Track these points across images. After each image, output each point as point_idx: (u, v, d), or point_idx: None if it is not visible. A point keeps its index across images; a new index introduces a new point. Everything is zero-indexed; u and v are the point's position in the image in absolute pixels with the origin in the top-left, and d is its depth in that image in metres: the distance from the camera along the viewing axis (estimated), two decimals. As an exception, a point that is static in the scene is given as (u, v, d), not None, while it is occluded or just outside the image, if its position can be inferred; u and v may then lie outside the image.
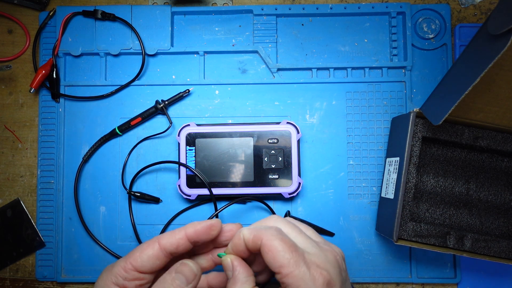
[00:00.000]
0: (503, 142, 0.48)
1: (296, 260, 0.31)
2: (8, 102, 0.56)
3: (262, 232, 0.32)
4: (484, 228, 0.49)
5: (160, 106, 0.53)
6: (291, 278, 0.31)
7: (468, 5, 0.56)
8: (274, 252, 0.31)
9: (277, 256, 0.31)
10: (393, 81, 0.54)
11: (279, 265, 0.31)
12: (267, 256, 0.32)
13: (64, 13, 0.54)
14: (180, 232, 0.35)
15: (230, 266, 0.34)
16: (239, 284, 0.33)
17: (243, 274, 0.34)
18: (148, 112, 0.53)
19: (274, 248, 0.31)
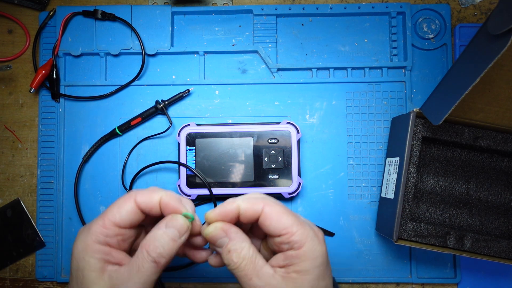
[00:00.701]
0: (503, 142, 0.48)
1: (298, 221, 0.34)
2: (8, 102, 0.56)
3: (261, 200, 0.34)
4: (484, 228, 0.49)
5: (160, 106, 0.53)
6: (298, 235, 0.33)
7: (468, 5, 0.56)
8: (278, 215, 0.33)
9: (282, 218, 0.33)
10: (393, 81, 0.54)
11: (284, 227, 0.33)
12: (270, 221, 0.33)
13: (64, 13, 0.54)
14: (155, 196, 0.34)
15: (222, 232, 0.34)
16: (239, 243, 0.34)
17: (239, 233, 0.34)
18: (148, 112, 0.53)
19: (277, 212, 0.34)
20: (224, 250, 0.34)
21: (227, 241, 0.34)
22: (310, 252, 0.33)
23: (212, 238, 0.34)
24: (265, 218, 0.34)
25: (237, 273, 0.34)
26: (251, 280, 0.33)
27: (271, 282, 0.33)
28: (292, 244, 0.33)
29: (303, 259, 0.33)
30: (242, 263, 0.33)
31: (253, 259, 0.34)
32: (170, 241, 0.33)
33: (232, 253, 0.33)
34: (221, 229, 0.34)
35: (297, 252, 0.33)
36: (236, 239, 0.34)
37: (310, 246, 0.33)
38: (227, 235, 0.34)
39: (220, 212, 0.34)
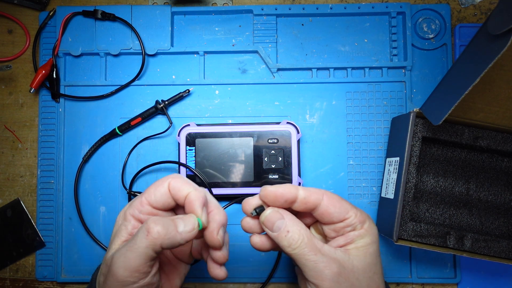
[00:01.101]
0: (503, 142, 0.48)
1: (351, 204, 0.37)
2: (8, 102, 0.56)
3: (318, 190, 0.36)
4: (484, 228, 0.49)
5: (160, 106, 0.53)
6: (359, 217, 0.36)
7: (468, 5, 0.56)
8: (340, 201, 0.36)
9: (343, 204, 0.36)
10: (393, 81, 0.54)
11: (346, 211, 0.35)
12: (334, 207, 0.35)
13: (64, 13, 0.54)
14: (185, 189, 0.35)
15: (279, 215, 0.35)
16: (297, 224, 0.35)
17: (293, 216, 0.36)
18: (148, 112, 0.53)
19: (338, 199, 0.36)
20: (282, 232, 0.35)
21: (285, 223, 0.35)
22: (369, 229, 0.36)
23: (270, 221, 0.35)
24: (328, 206, 0.35)
25: (299, 251, 0.34)
26: (316, 255, 0.34)
27: (335, 256, 0.34)
28: (355, 225, 0.35)
29: (363, 236, 0.35)
30: (303, 241, 0.34)
31: (312, 238, 0.35)
32: (171, 226, 0.33)
33: (291, 233, 0.34)
34: (277, 211, 0.36)
35: (359, 231, 0.35)
36: (293, 220, 0.35)
37: (369, 224, 0.36)
38: (283, 217, 0.35)
39: (278, 191, 0.35)
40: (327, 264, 0.34)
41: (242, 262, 0.53)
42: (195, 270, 0.53)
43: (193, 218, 0.34)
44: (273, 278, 0.53)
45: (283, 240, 0.35)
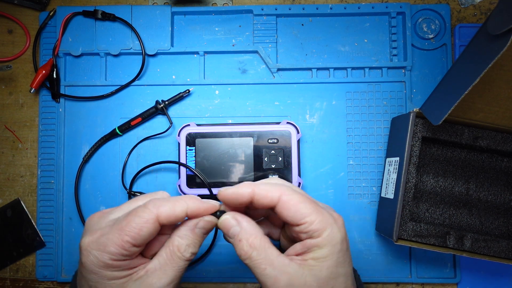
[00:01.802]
0: (503, 142, 0.48)
1: (317, 208, 0.33)
2: (8, 102, 0.56)
3: (278, 188, 0.33)
4: (484, 228, 0.49)
5: (160, 106, 0.53)
6: (317, 224, 0.32)
7: (468, 5, 0.56)
8: (296, 205, 0.33)
9: (300, 208, 0.33)
10: (393, 81, 0.54)
11: (302, 217, 0.32)
12: (288, 210, 0.33)
13: (64, 13, 0.54)
14: (180, 207, 0.33)
15: (234, 221, 0.34)
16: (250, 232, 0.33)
17: (252, 223, 0.34)
18: (148, 112, 0.53)
19: (294, 201, 0.33)
20: (236, 240, 0.33)
21: (239, 230, 0.34)
22: (329, 239, 0.33)
23: (225, 227, 0.34)
24: (282, 208, 0.33)
25: (249, 263, 0.33)
26: (265, 270, 0.32)
27: (287, 270, 0.32)
28: (311, 233, 0.33)
29: (321, 246, 0.32)
30: (253, 252, 0.33)
31: (264, 248, 0.33)
32: (197, 238, 0.35)
33: (242, 242, 0.33)
34: (232, 218, 0.34)
35: (316, 240, 0.33)
36: (247, 228, 0.34)
37: (329, 233, 0.33)
38: (238, 224, 0.34)
39: (233, 192, 0.34)
40: (274, 278, 0.32)
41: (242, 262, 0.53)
42: (195, 270, 0.53)
43: (211, 219, 0.35)
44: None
45: (236, 248, 0.34)
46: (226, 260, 0.53)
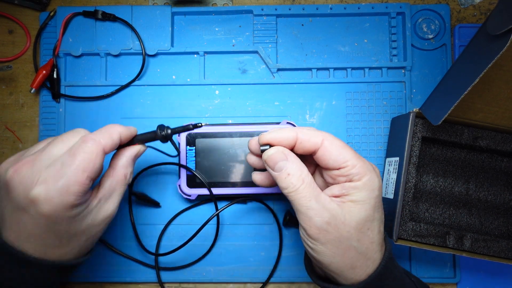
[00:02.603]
0: (503, 142, 0.48)
1: (357, 155, 0.35)
2: (9, 102, 0.56)
3: (321, 133, 0.36)
4: (484, 228, 0.49)
5: (162, 134, 0.42)
6: (358, 168, 0.34)
7: (468, 5, 0.56)
8: (338, 149, 0.35)
9: (342, 152, 0.35)
10: (393, 81, 0.54)
11: (344, 160, 0.34)
12: (330, 154, 0.35)
13: (65, 14, 0.54)
14: (116, 135, 0.38)
15: (283, 155, 0.35)
16: (299, 167, 0.35)
17: (299, 159, 0.35)
18: (147, 136, 0.42)
19: (337, 146, 0.35)
20: (283, 173, 0.34)
21: (287, 164, 0.35)
22: (369, 183, 0.34)
23: (273, 160, 0.35)
24: (325, 151, 0.35)
25: (295, 195, 0.34)
26: (310, 201, 0.34)
27: (328, 206, 0.34)
28: (351, 177, 0.34)
29: (360, 189, 0.34)
30: (301, 186, 0.34)
31: (312, 183, 0.34)
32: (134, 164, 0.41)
33: (291, 176, 0.34)
34: (282, 152, 0.35)
35: (355, 184, 0.34)
36: (296, 162, 0.35)
37: (369, 177, 0.34)
38: (288, 158, 0.35)
39: (276, 136, 0.35)
40: (318, 212, 0.34)
41: (242, 262, 0.53)
42: (195, 270, 0.53)
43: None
44: (273, 278, 0.53)
45: (282, 181, 0.35)
46: (226, 260, 0.53)
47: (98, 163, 0.35)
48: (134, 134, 0.41)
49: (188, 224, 0.53)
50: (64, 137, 0.37)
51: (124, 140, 0.39)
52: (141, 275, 0.53)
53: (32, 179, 0.34)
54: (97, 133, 0.37)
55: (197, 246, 0.53)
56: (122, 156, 0.40)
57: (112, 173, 0.39)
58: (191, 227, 0.53)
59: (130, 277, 0.53)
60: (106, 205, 0.38)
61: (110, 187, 0.39)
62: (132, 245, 0.53)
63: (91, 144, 0.35)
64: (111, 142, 0.37)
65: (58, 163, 0.34)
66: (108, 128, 0.38)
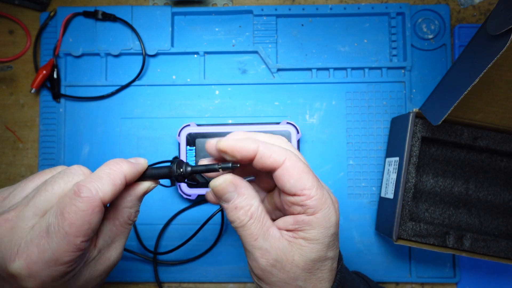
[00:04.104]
0: (502, 142, 0.48)
1: (318, 184, 0.31)
2: (9, 102, 0.56)
3: (284, 151, 0.31)
4: (483, 228, 0.49)
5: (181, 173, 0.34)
6: (315, 200, 0.30)
7: (467, 5, 0.56)
8: (299, 173, 0.30)
9: (302, 178, 0.30)
10: (393, 81, 0.55)
11: (302, 188, 0.30)
12: (290, 177, 0.30)
13: (65, 14, 0.54)
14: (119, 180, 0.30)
15: (232, 186, 0.31)
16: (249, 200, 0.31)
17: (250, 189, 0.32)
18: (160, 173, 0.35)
19: (299, 170, 0.30)
20: (231, 206, 0.31)
21: (235, 196, 0.31)
22: (324, 220, 0.31)
23: (220, 192, 0.31)
24: (284, 173, 0.30)
25: (242, 231, 0.31)
26: (256, 240, 0.31)
27: (276, 244, 0.31)
28: (306, 208, 0.30)
29: (314, 226, 0.31)
30: (249, 221, 0.31)
31: (261, 218, 0.31)
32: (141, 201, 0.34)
33: (239, 210, 0.31)
34: (231, 182, 0.31)
35: (309, 218, 0.31)
36: (245, 194, 0.31)
37: (325, 213, 0.31)
38: (236, 190, 0.31)
39: (235, 145, 0.31)
40: (264, 253, 0.31)
41: (242, 262, 0.53)
42: (195, 270, 0.53)
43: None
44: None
45: (229, 214, 0.31)
46: (226, 260, 0.53)
47: (95, 222, 0.29)
48: (143, 169, 0.33)
49: (188, 224, 0.53)
50: (54, 182, 0.30)
51: (130, 181, 0.32)
52: (141, 275, 0.53)
53: (11, 247, 0.28)
54: (95, 178, 0.29)
55: (197, 246, 0.53)
56: (127, 195, 0.33)
57: (114, 215, 0.32)
58: (191, 227, 0.53)
59: (130, 277, 0.53)
60: (108, 254, 0.33)
61: (112, 233, 0.33)
62: (132, 245, 0.53)
63: (86, 199, 0.28)
64: (113, 191, 0.30)
65: (43, 225, 0.28)
66: (111, 170, 0.30)
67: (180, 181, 0.33)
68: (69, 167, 0.32)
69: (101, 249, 0.32)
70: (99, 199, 0.29)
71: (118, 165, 0.31)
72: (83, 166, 0.32)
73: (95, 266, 0.32)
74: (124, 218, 0.33)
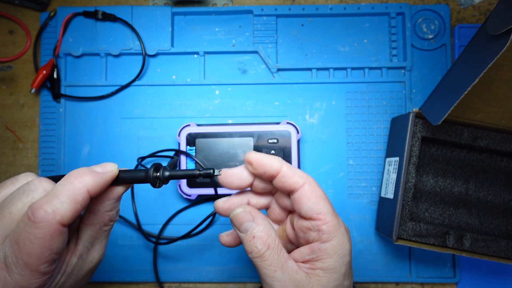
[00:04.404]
0: (502, 142, 0.48)
1: (334, 212, 0.32)
2: (9, 102, 0.56)
3: (306, 175, 0.32)
4: (483, 228, 0.49)
5: (158, 176, 0.32)
6: (330, 226, 0.31)
7: (467, 5, 0.56)
8: (317, 197, 0.31)
9: (320, 202, 0.31)
10: (393, 81, 0.55)
11: (319, 212, 0.31)
12: (308, 200, 0.31)
13: (65, 14, 0.54)
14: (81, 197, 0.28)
15: (250, 215, 0.32)
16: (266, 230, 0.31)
17: (267, 221, 0.32)
18: (135, 177, 0.32)
19: (318, 194, 0.32)
20: (249, 236, 0.31)
21: (253, 226, 0.31)
22: (339, 247, 0.31)
23: (239, 220, 0.32)
24: (303, 195, 0.31)
25: (260, 262, 0.31)
26: (275, 272, 0.31)
27: (295, 277, 0.31)
28: (321, 234, 0.31)
29: (331, 255, 0.31)
30: (266, 252, 0.31)
31: (278, 249, 0.31)
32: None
33: (257, 239, 0.31)
34: (249, 212, 0.32)
35: (325, 246, 0.31)
36: (263, 225, 0.32)
37: (339, 241, 0.31)
38: (254, 220, 0.32)
39: (262, 158, 0.32)
40: (283, 284, 0.30)
41: (242, 262, 0.53)
42: (195, 270, 0.53)
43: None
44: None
45: (247, 244, 0.32)
46: (226, 260, 0.53)
47: (57, 246, 0.26)
48: (112, 177, 0.30)
49: (187, 224, 0.53)
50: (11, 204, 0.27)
51: (96, 194, 0.29)
52: (141, 275, 0.53)
53: None
54: (52, 197, 0.26)
55: (197, 246, 0.53)
56: (106, 199, 0.31)
57: (93, 220, 0.31)
58: (191, 227, 0.53)
59: (130, 277, 0.53)
60: (90, 257, 0.32)
61: (92, 237, 0.32)
62: (132, 245, 0.53)
63: (42, 225, 0.25)
64: (73, 210, 0.27)
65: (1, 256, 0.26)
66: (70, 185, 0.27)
67: (157, 187, 0.32)
68: (29, 182, 0.29)
69: (82, 255, 0.32)
70: (56, 223, 0.26)
71: (80, 178, 0.28)
72: (46, 178, 0.29)
73: (79, 271, 0.32)
74: (105, 221, 0.32)
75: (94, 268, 0.33)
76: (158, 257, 0.53)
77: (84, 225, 0.32)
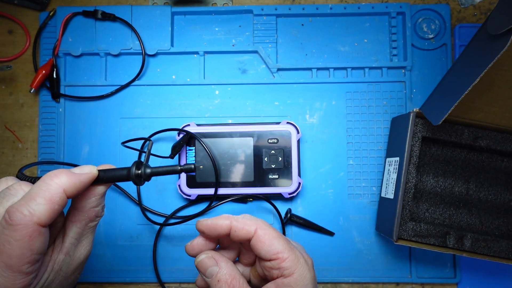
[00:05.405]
0: (503, 142, 0.48)
1: (290, 246, 0.34)
2: (9, 102, 0.56)
3: (254, 222, 0.35)
4: (484, 228, 0.49)
5: (139, 174, 0.32)
6: (289, 261, 0.33)
7: (468, 5, 0.56)
8: (271, 239, 0.34)
9: (274, 242, 0.34)
10: (393, 81, 0.54)
11: (275, 252, 0.34)
12: (262, 244, 0.34)
13: (64, 13, 0.54)
14: (58, 197, 0.28)
15: (213, 261, 0.35)
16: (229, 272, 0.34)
17: (229, 263, 0.35)
18: (117, 175, 0.32)
19: (269, 236, 0.34)
20: (214, 280, 0.34)
21: (217, 270, 0.34)
22: (300, 279, 0.33)
23: (203, 266, 0.35)
24: (257, 241, 0.34)
25: None
26: None
27: None
28: (282, 271, 0.33)
29: (294, 287, 0.33)
30: None
31: None
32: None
33: (222, 283, 0.34)
34: (211, 257, 0.35)
35: (288, 280, 0.33)
36: (226, 268, 0.34)
37: (300, 273, 0.34)
38: (217, 264, 0.35)
39: (212, 223, 0.35)
40: None
41: (242, 262, 0.53)
42: (195, 270, 0.53)
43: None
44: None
45: (212, 287, 0.34)
46: (226, 260, 0.53)
47: (37, 246, 0.27)
48: (90, 178, 0.30)
49: (187, 224, 0.53)
50: None
51: (73, 194, 0.29)
52: (141, 275, 0.53)
53: None
54: (28, 199, 0.27)
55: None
56: (90, 195, 0.31)
57: (79, 217, 0.32)
58: (191, 227, 0.53)
59: (130, 277, 0.53)
60: (78, 253, 0.33)
61: (78, 234, 0.32)
62: (132, 245, 0.53)
63: (19, 227, 0.26)
64: (50, 210, 0.27)
65: None
66: (46, 186, 0.27)
67: (140, 184, 0.32)
68: (9, 186, 0.29)
69: (69, 252, 0.32)
70: (34, 224, 0.26)
71: (56, 178, 0.28)
72: (26, 182, 0.30)
73: (67, 268, 0.32)
74: (90, 217, 0.32)
75: (82, 264, 0.34)
76: (158, 257, 0.53)
77: (70, 222, 0.32)
